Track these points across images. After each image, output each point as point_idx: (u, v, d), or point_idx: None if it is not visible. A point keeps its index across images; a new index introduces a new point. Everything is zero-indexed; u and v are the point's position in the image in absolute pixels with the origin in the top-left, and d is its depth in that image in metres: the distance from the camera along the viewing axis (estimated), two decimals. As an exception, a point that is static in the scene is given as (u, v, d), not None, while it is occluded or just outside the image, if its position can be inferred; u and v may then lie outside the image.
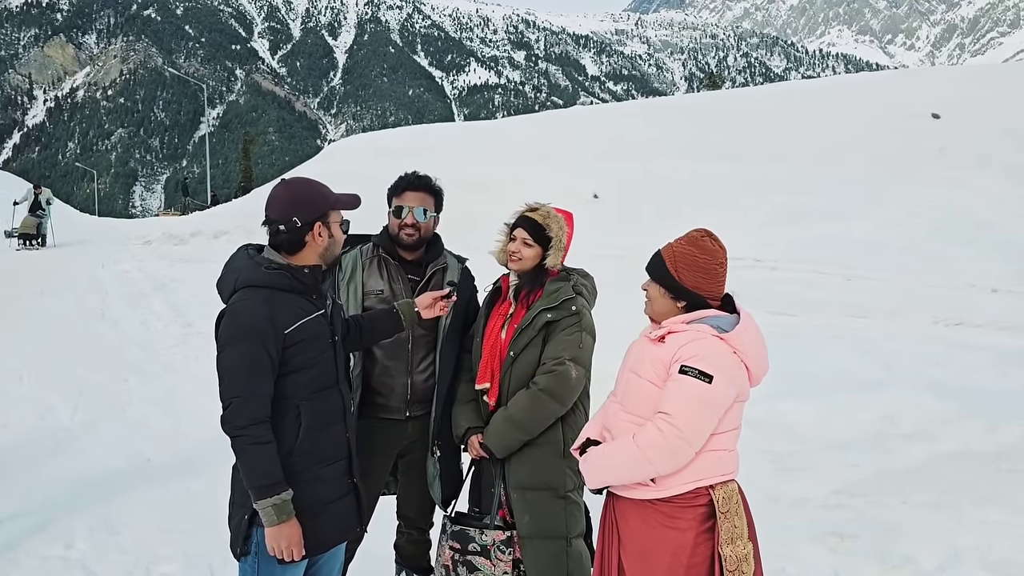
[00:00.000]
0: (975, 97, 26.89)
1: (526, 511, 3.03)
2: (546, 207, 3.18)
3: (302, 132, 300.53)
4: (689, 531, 2.43)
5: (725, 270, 2.56)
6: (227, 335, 2.43)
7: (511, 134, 27.55)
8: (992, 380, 6.94)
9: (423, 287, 3.21)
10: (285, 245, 2.53)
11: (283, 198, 2.53)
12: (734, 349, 2.45)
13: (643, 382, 2.52)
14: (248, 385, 2.37)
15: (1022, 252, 14.06)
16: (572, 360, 3.00)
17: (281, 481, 2.40)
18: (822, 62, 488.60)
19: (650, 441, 2.39)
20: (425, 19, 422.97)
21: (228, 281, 2.53)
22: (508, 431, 3.02)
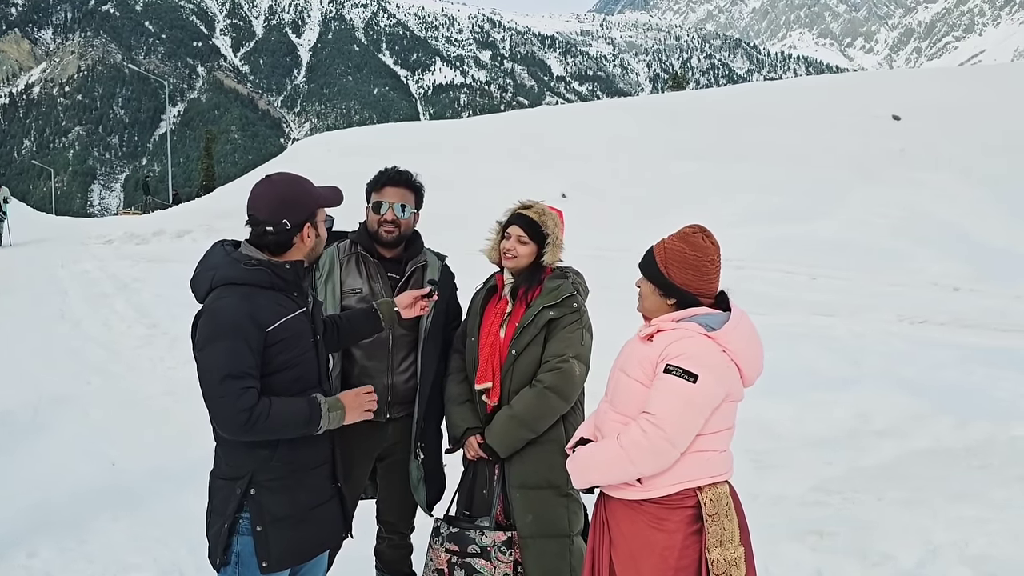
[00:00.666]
0: (933, 99, 27.41)
1: (529, 510, 2.98)
2: (540, 204, 3.13)
3: (265, 131, 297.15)
4: (677, 533, 2.39)
5: (717, 267, 2.50)
6: (206, 334, 2.31)
7: (478, 134, 27.46)
8: (958, 377, 7.06)
9: (403, 285, 3.13)
10: (271, 246, 2.42)
11: (270, 198, 2.42)
12: (723, 348, 2.39)
13: (631, 381, 2.47)
14: (233, 382, 2.25)
15: (981, 252, 14.36)
16: (575, 357, 2.97)
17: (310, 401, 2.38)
18: (784, 64, 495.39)
19: (633, 441, 2.35)
20: (390, 18, 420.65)
21: (204, 279, 2.42)
22: (514, 429, 2.97)
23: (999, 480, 4.62)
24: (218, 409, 2.27)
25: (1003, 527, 3.94)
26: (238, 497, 2.36)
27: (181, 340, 9.19)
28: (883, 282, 12.99)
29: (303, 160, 25.80)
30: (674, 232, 2.54)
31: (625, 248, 15.41)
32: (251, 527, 2.35)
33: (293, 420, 2.33)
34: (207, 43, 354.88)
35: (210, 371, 2.27)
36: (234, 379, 2.25)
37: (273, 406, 2.29)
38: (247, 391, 2.25)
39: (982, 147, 22.50)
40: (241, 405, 2.23)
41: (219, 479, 2.44)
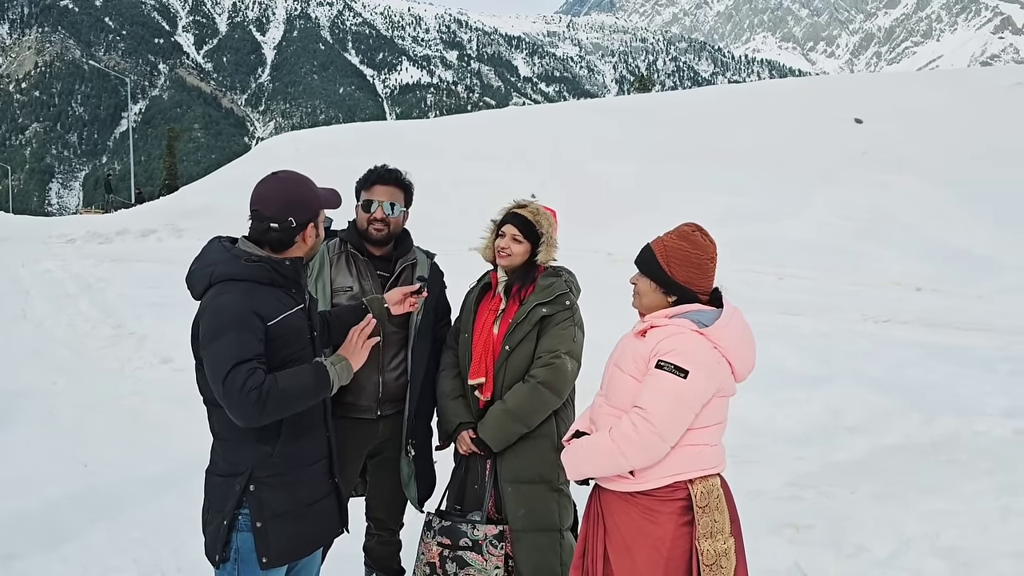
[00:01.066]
0: (894, 103, 27.98)
1: (521, 504, 3.01)
2: (534, 204, 3.18)
3: (229, 129, 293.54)
4: (668, 524, 2.44)
5: (715, 265, 2.56)
6: (212, 330, 2.29)
7: (447, 133, 27.45)
8: (923, 374, 7.22)
9: (393, 283, 3.13)
10: (274, 243, 2.42)
11: (278, 195, 2.42)
12: (715, 344, 2.44)
13: (624, 376, 2.52)
14: (243, 367, 2.22)
15: (942, 253, 14.69)
16: (568, 354, 3.02)
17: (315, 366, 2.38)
18: (748, 67, 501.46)
19: (624, 435, 2.40)
20: (356, 16, 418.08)
21: (202, 275, 2.40)
22: (507, 423, 3.00)
23: (967, 474, 4.75)
24: (230, 397, 2.23)
25: (972, 519, 4.05)
26: (237, 494, 2.35)
27: (149, 340, 9.09)
28: (848, 282, 13.24)
29: (271, 159, 25.56)
30: (670, 231, 2.59)
31: (596, 249, 15.52)
32: (250, 523, 2.35)
33: (303, 388, 2.33)
34: (169, 40, 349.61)
35: (218, 363, 2.25)
36: (241, 364, 2.24)
37: (280, 381, 2.28)
38: (254, 372, 2.24)
39: (943, 150, 23.01)
40: (251, 386, 2.22)
41: (217, 476, 2.43)
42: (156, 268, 14.04)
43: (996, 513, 4.10)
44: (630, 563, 2.46)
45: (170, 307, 10.47)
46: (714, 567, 2.40)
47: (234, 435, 2.38)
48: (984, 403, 6.21)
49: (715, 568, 2.40)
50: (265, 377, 2.26)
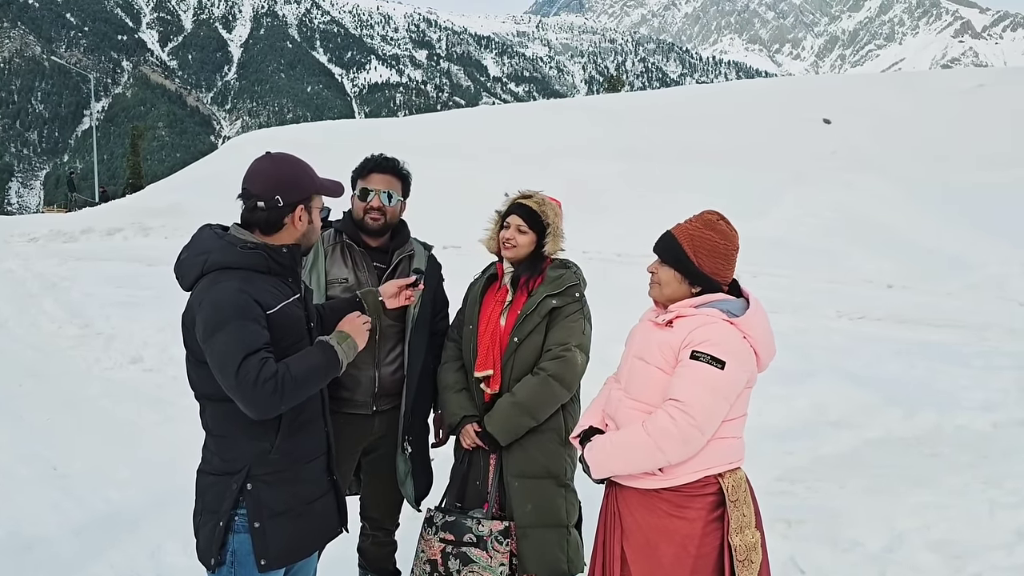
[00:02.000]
0: (861, 104, 28.39)
1: (528, 499, 2.94)
2: (539, 194, 3.11)
3: (194, 127, 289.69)
4: (698, 521, 2.36)
5: (737, 255, 2.50)
6: (213, 321, 2.17)
7: (419, 132, 27.30)
8: (901, 370, 7.27)
9: (389, 275, 3.04)
10: (261, 224, 2.33)
11: (267, 173, 2.32)
12: (744, 334, 2.38)
13: (650, 368, 2.43)
14: (253, 359, 2.13)
15: (911, 251, 14.87)
16: (578, 346, 2.97)
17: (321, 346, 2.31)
18: (715, 69, 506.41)
19: (662, 429, 2.31)
20: (324, 15, 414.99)
21: (194, 263, 2.29)
22: (516, 416, 2.93)
23: (951, 467, 4.78)
24: (245, 390, 2.13)
25: (961, 512, 4.07)
26: (234, 493, 2.24)
27: (117, 340, 8.87)
28: (821, 279, 13.35)
29: (239, 158, 25.19)
30: (691, 218, 2.51)
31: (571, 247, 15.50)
32: (248, 524, 2.24)
33: (316, 369, 2.26)
34: (133, 37, 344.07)
35: (227, 356, 2.14)
36: (251, 355, 2.14)
37: (292, 367, 2.20)
38: (266, 362, 2.15)
39: (908, 151, 23.40)
40: (265, 375, 2.13)
41: (210, 475, 2.32)
42: (123, 267, 13.75)
43: (984, 507, 4.12)
44: (654, 563, 2.38)
45: (138, 306, 10.26)
46: (746, 562, 2.35)
47: (230, 431, 2.27)
48: (961, 397, 6.26)
49: (747, 563, 2.35)
50: (277, 366, 2.17)
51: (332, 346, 2.32)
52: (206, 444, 2.37)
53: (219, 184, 23.59)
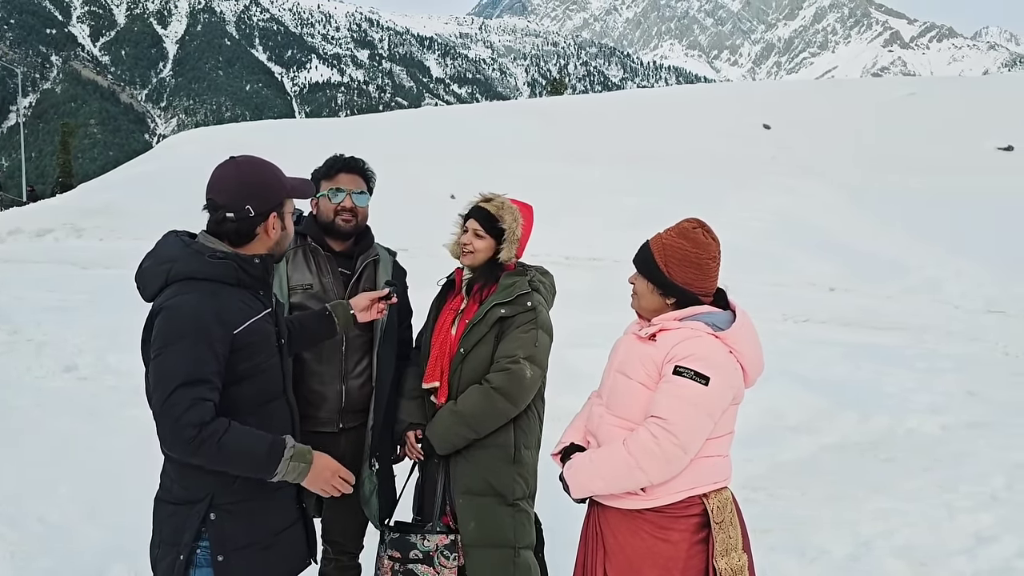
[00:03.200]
0: (798, 110, 29.02)
1: (471, 517, 2.80)
2: (500, 197, 2.97)
3: (128, 125, 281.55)
4: (681, 543, 2.27)
5: (718, 264, 2.40)
6: (164, 336, 2.00)
7: (363, 133, 26.93)
8: (849, 373, 7.38)
9: (356, 281, 2.90)
10: (231, 235, 2.16)
11: (234, 181, 2.15)
12: (730, 348, 2.29)
13: (632, 383, 2.33)
14: (189, 391, 1.96)
15: (850, 255, 15.22)
16: (527, 359, 2.79)
17: (275, 439, 2.07)
18: (656, 73, 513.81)
19: (643, 448, 2.21)
20: (263, 12, 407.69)
21: (156, 273, 2.12)
22: (454, 426, 2.79)
23: (906, 472, 4.84)
24: (163, 421, 1.97)
25: (921, 517, 4.10)
26: (195, 524, 2.07)
27: (49, 347, 8.46)
28: (765, 283, 13.54)
29: (176, 157, 24.51)
30: (670, 227, 2.42)
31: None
32: (211, 558, 2.07)
33: (247, 455, 2.03)
34: (62, 31, 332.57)
35: (163, 377, 1.98)
36: (188, 387, 1.97)
37: (230, 432, 2.00)
38: (200, 404, 1.97)
39: (845, 157, 23.99)
40: (189, 419, 1.95)
41: (168, 504, 2.14)
42: (54, 269, 13.18)
43: (942, 511, 4.17)
44: None
45: (71, 311, 9.83)
46: None
47: None
48: (909, 400, 6.38)
49: None
50: (213, 418, 1.99)
51: (281, 456, 2.07)
52: (165, 470, 2.20)
53: (156, 184, 22.99)
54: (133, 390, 6.58)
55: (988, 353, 8.69)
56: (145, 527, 4.05)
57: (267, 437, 2.07)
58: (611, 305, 11.68)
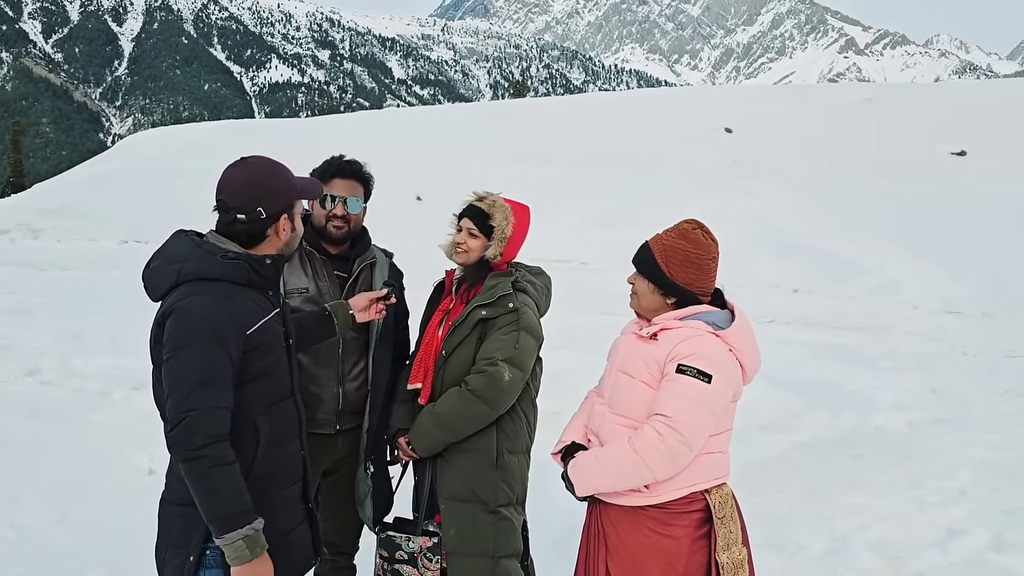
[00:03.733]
0: (759, 115, 29.46)
1: (452, 524, 2.78)
2: (493, 196, 2.95)
3: (82, 124, 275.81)
4: (684, 538, 2.30)
5: (717, 264, 2.44)
6: (179, 337, 1.99)
7: (326, 134, 26.71)
8: (816, 372, 7.51)
9: (352, 284, 2.88)
10: (242, 237, 2.14)
11: (245, 182, 2.14)
12: (730, 347, 2.34)
13: (635, 382, 2.36)
14: (206, 395, 1.96)
15: (812, 256, 15.50)
16: (506, 361, 2.75)
17: (251, 508, 2.00)
18: (617, 77, 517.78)
19: (649, 445, 2.24)
20: (222, 11, 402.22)
21: (166, 273, 2.09)
22: (431, 428, 2.78)
23: (877, 468, 4.94)
24: (174, 420, 1.96)
25: (893, 512, 4.20)
26: (205, 525, 2.03)
27: (10, 350, 8.23)
28: (729, 284, 13.59)
29: (135, 156, 24.07)
30: (669, 228, 2.46)
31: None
32: (220, 558, 2.04)
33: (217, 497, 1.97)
34: (13, 27, 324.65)
35: (180, 381, 1.97)
36: (205, 389, 1.96)
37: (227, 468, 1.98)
38: (217, 412, 1.97)
39: (805, 160, 24.44)
40: (204, 427, 1.95)
41: (177, 505, 2.11)
42: (11, 271, 12.84)
43: (913, 506, 4.27)
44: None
45: (31, 313, 9.59)
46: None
47: None
48: (875, 398, 6.51)
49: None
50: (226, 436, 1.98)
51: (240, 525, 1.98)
52: (171, 471, 2.16)
53: (115, 184, 22.57)
54: (99, 394, 6.52)
55: (947, 352, 8.91)
56: (119, 532, 4.00)
57: (247, 500, 2.01)
58: (581, 306, 11.74)
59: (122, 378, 6.59)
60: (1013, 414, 6.23)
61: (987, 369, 7.84)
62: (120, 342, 7.57)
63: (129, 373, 6.56)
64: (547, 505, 3.65)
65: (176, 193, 18.84)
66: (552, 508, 3.69)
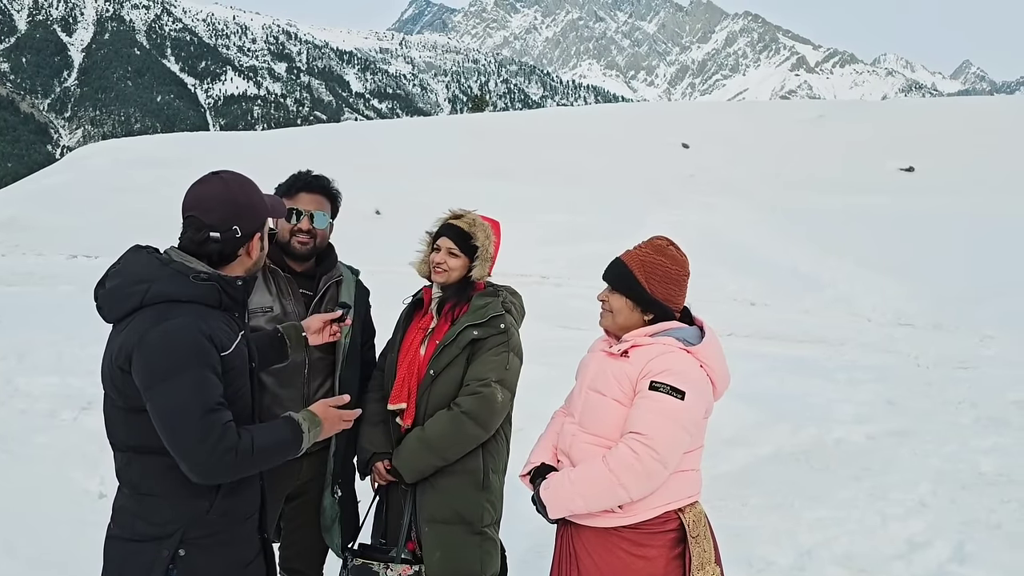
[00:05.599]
0: (715, 130, 29.91)
1: (437, 547, 2.71)
2: (471, 214, 2.91)
3: (29, 136, 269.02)
4: (659, 559, 2.26)
5: (688, 280, 2.45)
6: (164, 367, 1.88)
7: (283, 147, 26.41)
8: (775, 385, 7.57)
9: (318, 302, 2.80)
10: (213, 256, 2.05)
11: (220, 199, 2.05)
12: (701, 363, 2.32)
13: (607, 400, 2.32)
14: (217, 418, 1.90)
15: (769, 270, 15.70)
16: (499, 382, 2.73)
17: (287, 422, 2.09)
18: (575, 92, 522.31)
19: (624, 464, 2.19)
20: (176, 22, 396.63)
21: (130, 293, 1.97)
22: (422, 453, 2.71)
23: (839, 481, 4.98)
24: (198, 453, 1.88)
25: (857, 525, 4.22)
26: (164, 561, 1.94)
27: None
28: (688, 298, 13.83)
29: (86, 170, 23.49)
30: (641, 244, 2.45)
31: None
32: None
33: (278, 449, 2.05)
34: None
35: (183, 412, 1.87)
36: (212, 413, 1.89)
37: (257, 439, 1.98)
38: (228, 427, 1.91)
39: (759, 176, 24.83)
40: (225, 446, 1.88)
41: (131, 542, 1.99)
42: (-47, 287, 12.40)
43: (876, 518, 4.30)
44: None
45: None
46: None
47: (166, 489, 1.97)
48: (835, 410, 6.58)
49: None
50: (240, 433, 1.93)
51: (300, 428, 2.09)
52: (123, 505, 2.04)
53: (63, 197, 21.99)
54: (45, 414, 6.27)
55: (902, 364, 9.05)
56: (69, 561, 3.82)
57: (282, 425, 2.08)
58: (542, 321, 11.67)
59: (70, 397, 6.36)
60: (968, 425, 6.34)
61: (941, 380, 7.97)
62: (67, 360, 7.33)
63: (77, 392, 6.34)
64: (513, 525, 3.59)
65: (128, 207, 18.44)
66: (518, 528, 3.63)
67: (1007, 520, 4.33)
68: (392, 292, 3.36)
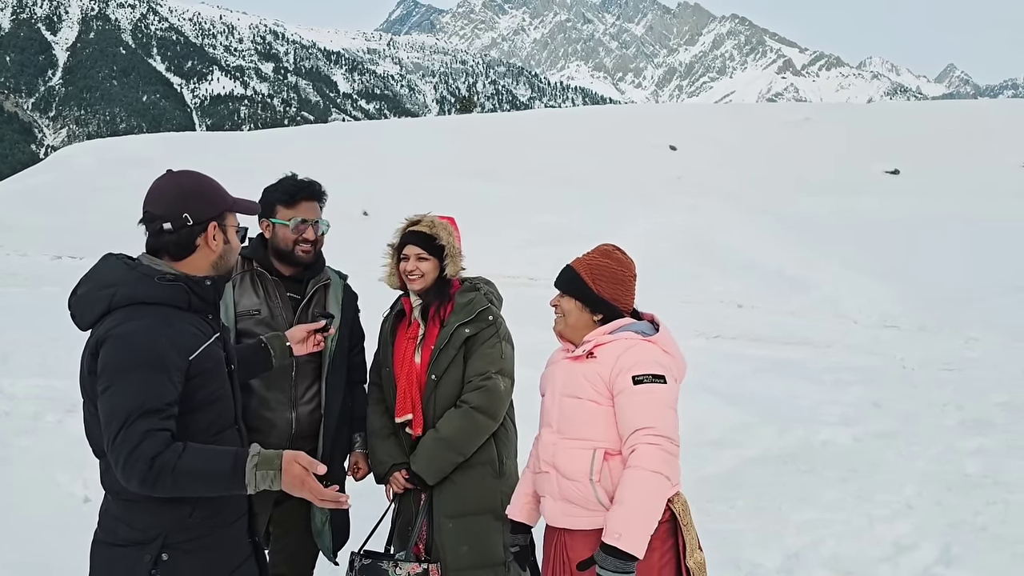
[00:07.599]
0: (702, 132, 30.03)
1: (464, 541, 2.77)
2: (428, 216, 2.95)
3: (13, 135, 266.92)
4: (654, 552, 2.30)
5: (635, 282, 2.56)
6: (117, 365, 1.86)
7: (270, 147, 26.33)
8: (761, 387, 7.61)
9: (305, 306, 2.80)
10: (171, 248, 2.03)
11: (170, 190, 2.05)
12: (664, 351, 2.42)
13: (583, 403, 2.39)
14: (145, 423, 1.83)
15: (755, 272, 15.78)
16: (499, 373, 2.84)
17: (237, 452, 1.92)
18: (563, 94, 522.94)
19: (657, 459, 2.27)
20: (162, 21, 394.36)
21: (96, 299, 1.96)
22: (441, 453, 2.77)
23: (826, 483, 5.00)
24: (118, 455, 1.83)
25: (844, 527, 4.24)
26: (147, 566, 1.92)
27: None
28: (675, 299, 13.84)
29: (72, 170, 23.34)
30: (590, 251, 2.57)
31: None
32: None
33: (210, 475, 1.89)
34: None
35: (115, 410, 1.84)
36: (142, 419, 1.83)
37: (185, 457, 1.86)
38: (153, 435, 1.83)
39: (746, 178, 24.93)
40: (142, 452, 1.82)
41: (115, 547, 1.97)
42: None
43: (863, 520, 4.32)
44: None
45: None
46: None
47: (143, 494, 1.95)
48: (821, 412, 6.61)
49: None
50: (169, 445, 1.85)
51: (244, 466, 1.91)
52: (106, 510, 2.03)
53: (48, 197, 21.85)
54: (30, 417, 6.22)
55: (887, 366, 9.11)
56: (54, 566, 3.79)
57: (229, 452, 1.94)
58: (530, 322, 11.65)
59: (54, 400, 6.31)
60: (952, 427, 6.39)
61: (926, 382, 8.03)
62: (52, 362, 7.27)
63: (62, 395, 6.28)
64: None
65: (113, 207, 18.29)
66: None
67: (992, 522, 4.37)
68: (380, 295, 3.36)
